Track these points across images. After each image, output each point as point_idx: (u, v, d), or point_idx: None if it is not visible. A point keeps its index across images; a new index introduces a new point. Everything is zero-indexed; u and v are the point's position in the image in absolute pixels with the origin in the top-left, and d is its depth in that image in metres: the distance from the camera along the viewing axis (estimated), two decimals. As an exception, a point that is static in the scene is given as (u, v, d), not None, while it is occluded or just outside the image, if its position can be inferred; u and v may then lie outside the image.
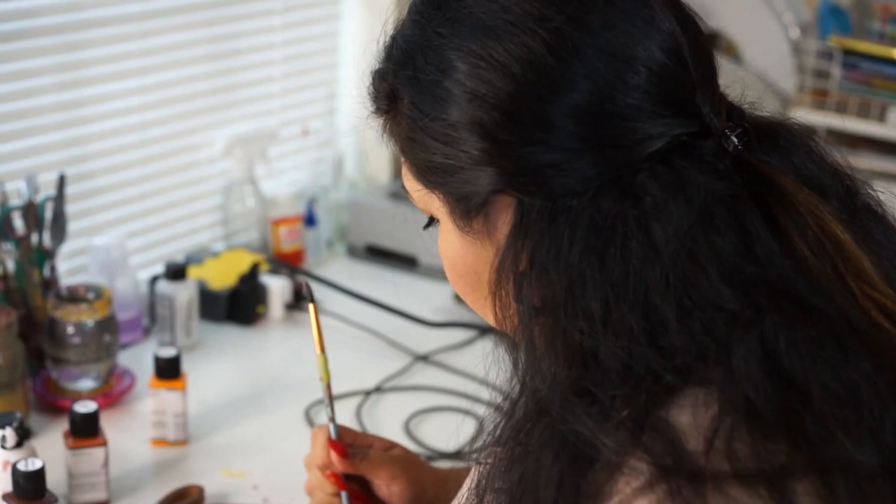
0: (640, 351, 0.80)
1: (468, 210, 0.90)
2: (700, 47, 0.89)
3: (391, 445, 1.28)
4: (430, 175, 0.91)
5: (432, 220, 0.97)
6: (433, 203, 0.93)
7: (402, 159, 0.95)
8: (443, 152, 0.89)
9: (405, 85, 0.92)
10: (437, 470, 1.30)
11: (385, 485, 1.24)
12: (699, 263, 0.81)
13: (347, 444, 1.24)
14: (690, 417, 0.78)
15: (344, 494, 1.23)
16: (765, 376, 0.78)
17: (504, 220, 0.89)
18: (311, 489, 1.26)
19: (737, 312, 0.80)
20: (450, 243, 0.94)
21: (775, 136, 0.91)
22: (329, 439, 1.23)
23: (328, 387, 1.24)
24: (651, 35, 0.86)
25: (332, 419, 1.23)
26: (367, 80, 0.97)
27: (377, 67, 0.97)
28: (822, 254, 0.84)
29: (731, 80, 0.94)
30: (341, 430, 1.24)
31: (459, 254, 0.93)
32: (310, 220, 2.21)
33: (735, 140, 0.86)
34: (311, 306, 1.23)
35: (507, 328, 0.90)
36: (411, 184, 0.95)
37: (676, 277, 0.81)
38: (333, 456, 1.22)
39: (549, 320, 0.84)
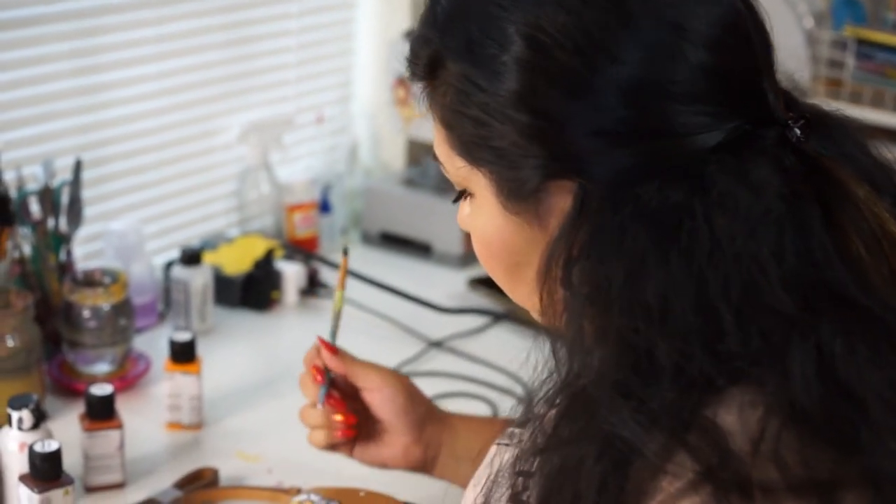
0: (694, 353, 0.78)
1: (519, 191, 0.87)
2: (762, 26, 0.87)
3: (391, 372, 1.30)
4: (479, 152, 0.88)
5: (463, 195, 0.94)
6: (475, 179, 0.90)
7: (443, 130, 0.91)
8: (499, 131, 0.86)
9: (455, 55, 0.88)
10: (433, 404, 1.31)
11: (374, 390, 1.27)
12: (761, 265, 0.79)
13: (348, 359, 1.28)
14: (737, 418, 0.77)
15: (322, 389, 1.26)
16: (819, 382, 0.76)
17: (559, 205, 0.86)
18: (302, 384, 1.30)
19: (795, 318, 0.78)
20: (488, 222, 0.91)
21: (827, 126, 0.88)
22: (321, 338, 1.28)
23: (338, 313, 1.28)
24: (711, 9, 0.83)
25: (334, 332, 1.28)
26: (408, 43, 0.94)
27: (420, 32, 0.92)
28: (877, 253, 0.82)
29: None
30: (342, 353, 1.28)
31: (499, 233, 0.90)
32: (324, 207, 2.21)
33: (798, 131, 0.84)
34: (343, 258, 1.29)
35: (549, 316, 0.87)
36: (450, 157, 0.92)
37: (738, 279, 0.79)
38: (323, 351, 1.26)
39: (601, 313, 0.82)
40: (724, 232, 0.79)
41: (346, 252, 1.29)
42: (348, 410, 1.26)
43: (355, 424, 1.26)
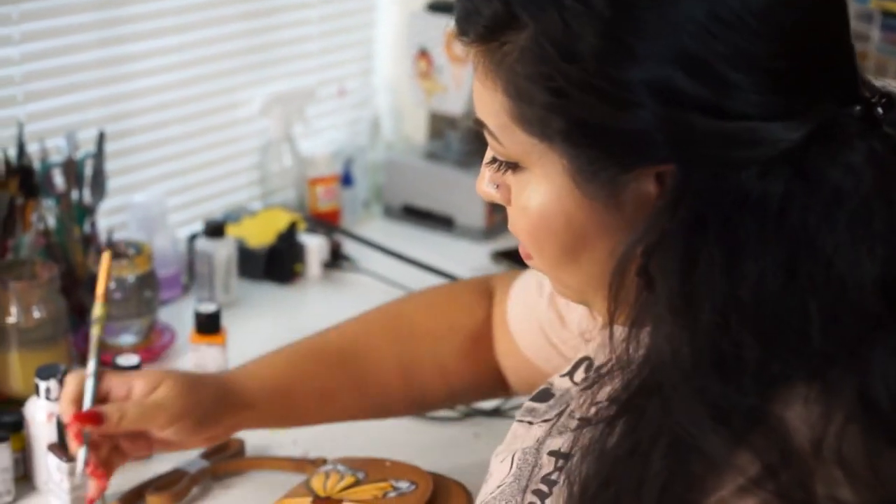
0: (779, 349, 0.76)
1: (600, 174, 0.82)
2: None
3: (155, 385, 1.19)
4: (555, 127, 0.82)
5: (509, 167, 0.88)
6: (539, 155, 0.85)
7: (506, 100, 0.84)
8: (584, 105, 0.80)
9: (534, 13, 0.81)
10: (221, 381, 1.24)
11: (158, 431, 1.19)
12: (854, 259, 0.77)
13: (104, 394, 1.18)
14: (802, 415, 0.75)
15: (83, 451, 1.16)
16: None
17: (641, 191, 0.82)
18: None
19: (881, 316, 0.76)
20: (553, 201, 0.85)
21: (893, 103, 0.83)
22: (76, 415, 1.16)
23: (98, 339, 1.20)
24: None
25: (93, 383, 1.18)
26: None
27: None
28: None
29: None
30: (100, 375, 1.19)
31: (565, 214, 0.85)
32: (346, 180, 2.21)
33: (880, 110, 0.80)
34: (104, 254, 1.21)
35: (618, 305, 0.83)
36: (508, 129, 0.85)
37: (832, 276, 0.76)
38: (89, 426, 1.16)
39: (687, 305, 0.78)
40: (821, 222, 0.77)
41: (108, 244, 1.21)
42: (103, 473, 1.19)
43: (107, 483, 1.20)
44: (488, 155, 0.91)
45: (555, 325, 1.19)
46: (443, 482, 1.25)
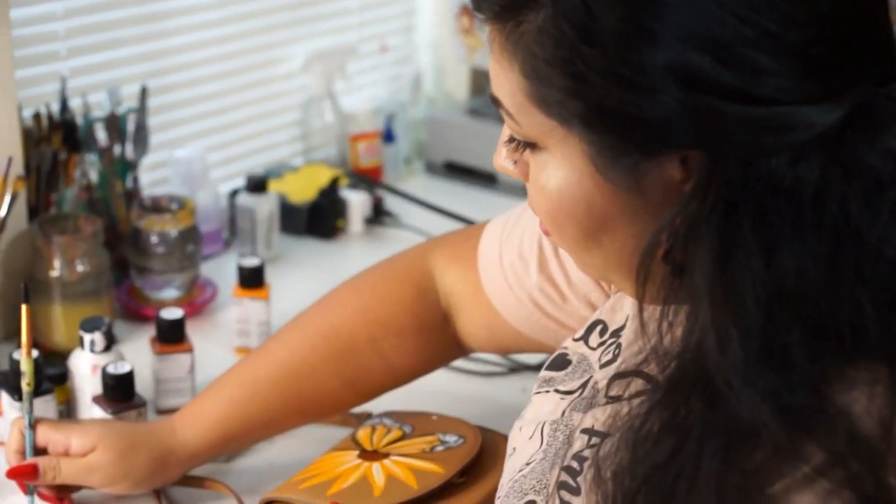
0: (832, 341, 0.74)
1: (622, 159, 0.80)
2: None
3: (91, 447, 1.21)
4: (574, 111, 0.79)
5: (528, 146, 0.86)
6: (558, 138, 0.82)
7: (523, 81, 0.82)
8: (606, 91, 0.77)
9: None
10: (158, 442, 1.24)
11: (95, 487, 1.24)
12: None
13: (44, 444, 1.21)
14: (863, 401, 0.74)
15: (29, 499, 1.23)
16: None
17: (667, 175, 0.80)
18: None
19: None
20: (574, 184, 0.83)
21: None
22: (12, 469, 1.20)
23: (31, 395, 1.20)
24: None
25: (29, 435, 1.21)
26: None
27: None
28: None
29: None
30: (39, 427, 1.21)
31: (586, 198, 0.83)
32: (388, 137, 2.20)
33: None
34: (23, 307, 1.18)
35: (650, 292, 0.82)
36: (526, 111, 0.83)
37: (882, 266, 0.74)
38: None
39: (726, 293, 0.76)
40: (863, 211, 0.75)
41: (25, 298, 1.17)
42: (62, 500, 1.24)
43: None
44: (505, 133, 0.89)
45: (552, 298, 1.16)
46: (490, 436, 1.24)
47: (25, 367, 1.20)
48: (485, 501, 1.15)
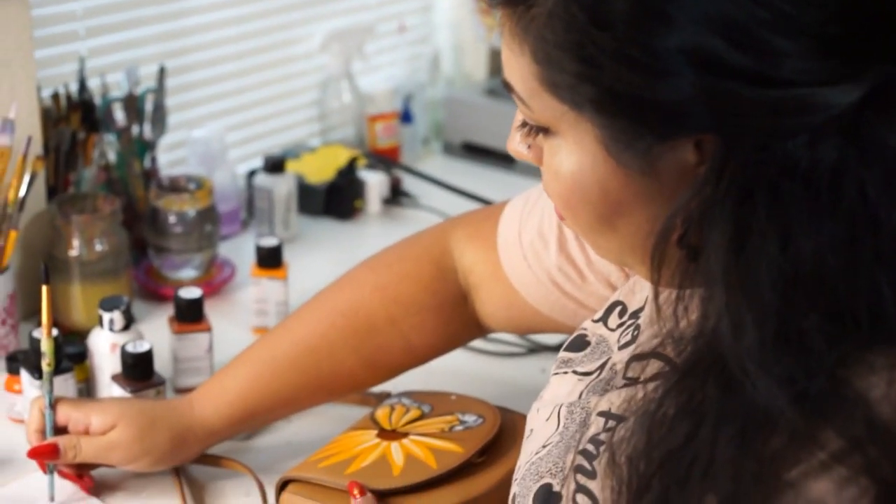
0: (850, 326, 0.73)
1: (636, 143, 0.78)
2: None
3: (111, 424, 1.22)
4: (586, 96, 0.78)
5: (540, 130, 0.85)
6: (570, 123, 0.81)
7: (534, 66, 0.81)
8: (618, 75, 0.76)
9: None
10: (178, 420, 1.24)
11: (116, 465, 1.24)
12: None
13: (63, 423, 1.22)
14: (882, 384, 0.73)
15: (49, 478, 1.23)
16: None
17: (681, 159, 0.78)
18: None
19: None
20: (588, 168, 0.82)
21: None
22: (33, 449, 1.21)
23: (51, 375, 1.21)
24: None
25: (50, 414, 1.21)
26: None
27: None
28: None
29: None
30: (59, 406, 1.22)
31: (599, 182, 0.82)
32: (406, 117, 2.19)
33: None
34: (44, 289, 1.18)
35: (665, 276, 0.81)
36: (537, 95, 0.82)
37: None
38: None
39: (742, 278, 0.75)
40: (881, 194, 0.73)
41: (46, 279, 1.18)
42: (81, 477, 1.25)
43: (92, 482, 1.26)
44: (517, 118, 0.88)
45: (571, 277, 1.15)
46: (509, 416, 1.24)
47: (46, 347, 1.20)
48: (504, 481, 1.15)
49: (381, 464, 1.17)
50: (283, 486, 1.19)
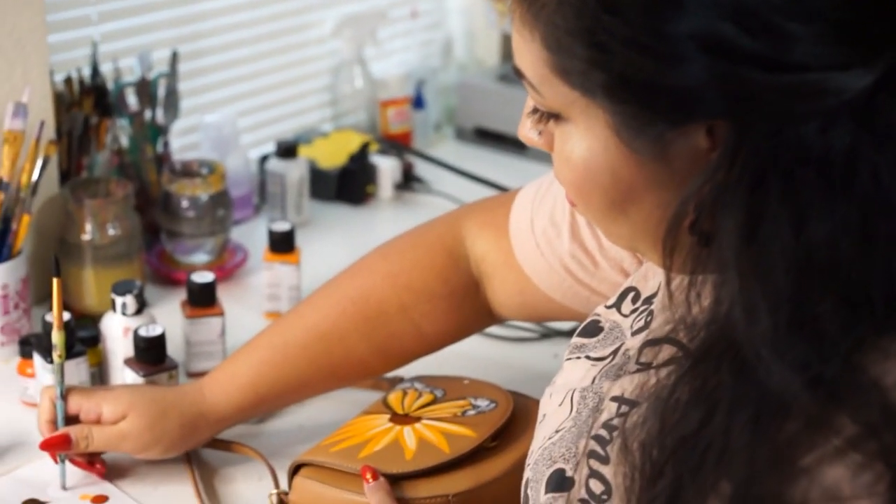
0: (864, 312, 0.73)
1: (647, 129, 0.78)
2: None
3: (122, 414, 1.22)
4: (597, 82, 0.78)
5: (552, 117, 0.84)
6: (581, 109, 0.81)
7: (544, 52, 0.80)
8: (628, 61, 0.75)
9: None
10: (189, 407, 1.25)
11: (128, 453, 1.25)
12: None
13: (75, 412, 1.22)
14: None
15: (60, 467, 1.24)
16: None
17: (692, 145, 0.78)
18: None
19: None
20: (600, 155, 0.82)
21: None
22: (45, 441, 1.21)
23: (62, 366, 1.21)
24: None
25: (61, 405, 1.22)
26: None
27: None
28: None
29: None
30: (70, 396, 1.22)
31: (611, 168, 0.82)
32: (418, 103, 2.19)
33: None
34: (54, 281, 1.18)
35: (677, 262, 0.81)
36: (548, 82, 0.81)
37: None
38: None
39: (755, 264, 0.75)
40: (892, 174, 0.73)
41: (56, 271, 1.18)
42: (93, 464, 1.25)
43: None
44: (528, 104, 0.88)
45: (584, 264, 1.15)
46: (522, 401, 1.24)
47: (56, 339, 1.20)
48: (516, 465, 1.15)
49: (393, 448, 1.17)
50: (295, 471, 1.19)
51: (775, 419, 0.74)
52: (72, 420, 1.23)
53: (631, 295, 1.02)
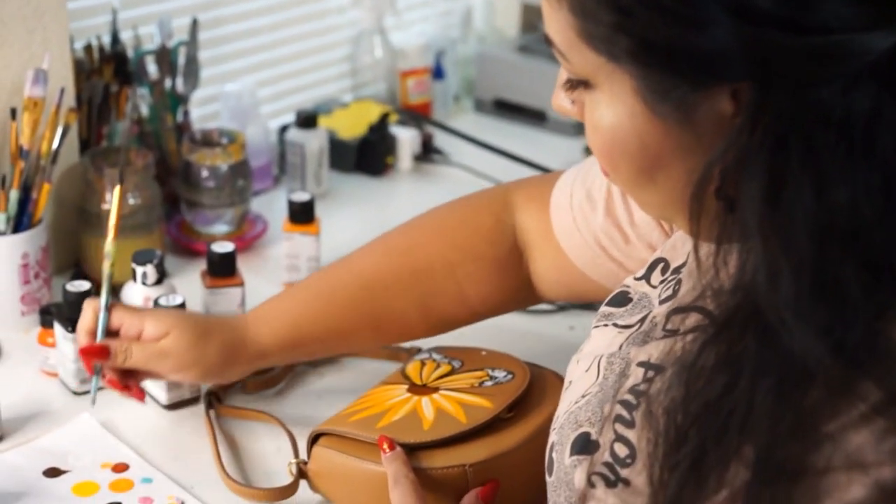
0: (882, 273, 0.73)
1: (671, 94, 0.78)
2: None
3: (164, 332, 1.21)
4: (623, 47, 0.78)
5: (581, 84, 0.85)
6: (607, 74, 0.81)
7: (571, 18, 0.81)
8: (653, 25, 0.76)
9: None
10: (232, 333, 1.24)
11: (163, 374, 1.24)
12: None
13: (116, 327, 1.22)
14: None
15: (95, 379, 1.23)
16: None
17: (717, 109, 0.78)
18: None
19: None
20: (627, 121, 0.82)
21: None
22: (84, 348, 1.21)
23: (111, 277, 1.21)
24: None
25: (104, 316, 1.21)
26: None
27: None
28: None
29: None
30: (114, 310, 1.22)
31: (638, 135, 0.82)
32: (437, 73, 2.19)
33: None
34: (116, 189, 1.19)
35: (704, 228, 0.81)
36: (576, 48, 0.82)
37: None
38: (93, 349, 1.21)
39: (777, 229, 0.75)
40: None
41: (121, 179, 1.18)
42: (128, 386, 1.24)
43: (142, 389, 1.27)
44: (562, 75, 0.88)
45: (616, 240, 1.16)
46: (539, 372, 1.24)
47: (109, 249, 1.22)
48: (533, 436, 1.15)
49: (411, 418, 1.17)
50: (314, 440, 1.19)
51: (799, 385, 0.74)
52: (112, 335, 1.22)
53: (660, 266, 1.02)
